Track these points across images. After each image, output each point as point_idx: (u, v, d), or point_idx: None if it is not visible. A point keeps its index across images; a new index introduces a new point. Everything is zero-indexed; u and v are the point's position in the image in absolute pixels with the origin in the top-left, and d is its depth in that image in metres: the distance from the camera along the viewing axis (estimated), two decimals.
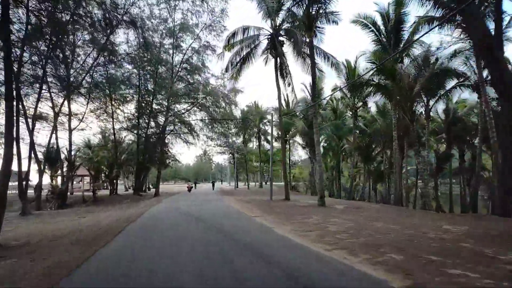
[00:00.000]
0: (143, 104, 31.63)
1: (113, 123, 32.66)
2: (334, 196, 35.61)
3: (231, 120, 33.51)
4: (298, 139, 40.47)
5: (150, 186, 54.30)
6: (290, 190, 53.34)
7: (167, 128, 32.67)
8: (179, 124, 33.74)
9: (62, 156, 30.85)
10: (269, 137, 45.34)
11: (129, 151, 41.30)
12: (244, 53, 20.19)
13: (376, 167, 31.94)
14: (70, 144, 28.72)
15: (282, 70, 20.14)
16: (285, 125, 29.40)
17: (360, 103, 28.45)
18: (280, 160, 56.11)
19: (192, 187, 40.27)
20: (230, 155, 51.72)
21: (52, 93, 25.67)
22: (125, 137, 41.40)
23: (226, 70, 20.73)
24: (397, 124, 20.99)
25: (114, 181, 34.96)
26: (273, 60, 20.53)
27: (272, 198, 19.84)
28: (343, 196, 37.03)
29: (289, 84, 20.79)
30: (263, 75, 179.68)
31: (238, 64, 20.85)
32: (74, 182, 45.70)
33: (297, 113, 32.72)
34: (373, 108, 30.68)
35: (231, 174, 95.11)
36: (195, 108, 31.60)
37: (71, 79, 25.67)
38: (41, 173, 26.22)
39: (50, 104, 26.28)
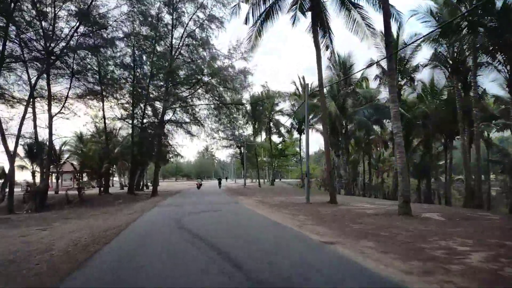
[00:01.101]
0: (138, 89, 26.50)
1: (103, 109, 27.58)
2: (356, 195, 30.50)
3: (241, 105, 28.28)
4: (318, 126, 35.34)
5: (149, 183, 49.28)
6: (302, 187, 48.40)
7: (166, 117, 27.61)
8: (180, 111, 28.67)
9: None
10: (281, 129, 40.30)
11: (124, 144, 36.31)
12: (269, 3, 14.99)
13: (421, 159, 26.75)
14: (50, 134, 23.58)
15: (320, 24, 14.89)
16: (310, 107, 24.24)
17: (404, 80, 23.21)
18: (292, 154, 51.04)
19: (201, 184, 37.13)
20: (236, 149, 46.75)
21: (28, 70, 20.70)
22: (119, 128, 36.48)
23: (246, 21, 15.47)
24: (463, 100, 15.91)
25: (105, 178, 29.93)
26: (302, 19, 15.41)
27: (309, 199, 14.73)
28: (362, 195, 31.98)
29: (327, 47, 15.60)
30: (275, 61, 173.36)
31: (259, 22, 15.65)
32: (65, 180, 40.83)
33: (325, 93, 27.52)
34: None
35: (236, 170, 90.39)
36: (200, 91, 26.40)
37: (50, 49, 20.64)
38: (12, 165, 21.23)
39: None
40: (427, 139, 23.99)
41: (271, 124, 41.17)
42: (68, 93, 24.55)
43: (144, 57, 26.71)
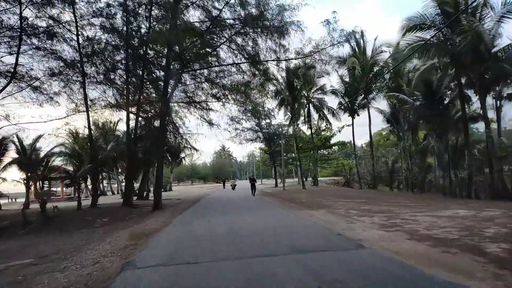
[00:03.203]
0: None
1: (84, 87, 18.79)
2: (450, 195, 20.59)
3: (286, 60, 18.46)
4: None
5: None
6: (343, 185, 38.53)
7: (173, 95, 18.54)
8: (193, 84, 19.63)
9: None
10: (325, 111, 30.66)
11: (120, 140, 27.62)
12: None
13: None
14: None
15: None
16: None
17: None
18: (340, 144, 41.37)
19: (236, 184, 34.00)
20: (260, 144, 37.49)
21: None
22: (119, 121, 27.87)
23: None
24: None
25: (92, 184, 21.13)
26: None
27: None
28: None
29: None
30: None
31: None
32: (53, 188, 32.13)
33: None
34: None
35: (257, 169, 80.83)
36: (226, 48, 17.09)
37: None
38: None
39: None
40: None
41: (311, 106, 31.53)
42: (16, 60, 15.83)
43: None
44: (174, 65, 16.68)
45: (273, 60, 16.41)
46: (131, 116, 20.31)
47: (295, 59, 16.20)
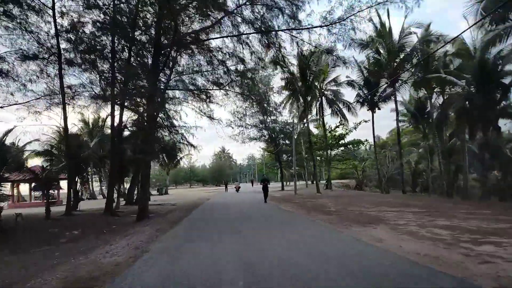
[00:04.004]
0: None
1: (60, 69, 15.19)
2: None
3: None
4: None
5: (153, 192, 36.82)
6: (355, 188, 34.80)
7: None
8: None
9: None
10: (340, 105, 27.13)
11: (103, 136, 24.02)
12: None
13: None
14: None
15: None
16: None
17: None
18: (356, 143, 37.62)
19: (240, 187, 33.98)
20: (263, 144, 33.92)
21: None
22: (107, 116, 24.17)
23: None
24: None
25: (70, 188, 17.39)
26: None
27: None
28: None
29: None
30: None
31: None
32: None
33: None
34: None
35: (260, 171, 77.00)
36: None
37: None
38: None
39: None
40: None
41: (324, 99, 27.81)
42: None
43: None
44: (166, 36, 13.05)
45: (293, 29, 12.67)
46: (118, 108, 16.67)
47: (321, 27, 12.52)
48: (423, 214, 9.26)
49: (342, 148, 35.63)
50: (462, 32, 14.28)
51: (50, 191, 27.39)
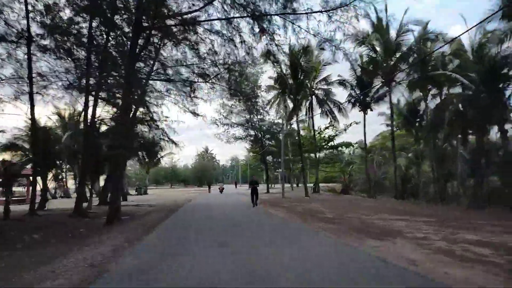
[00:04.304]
0: None
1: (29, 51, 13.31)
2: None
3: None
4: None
5: (131, 191, 34.87)
6: (341, 192, 33.91)
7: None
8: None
9: None
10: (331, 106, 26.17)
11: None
12: None
13: None
14: None
15: None
16: None
17: None
18: (345, 145, 36.60)
19: (223, 188, 33.06)
20: (251, 142, 32.65)
21: None
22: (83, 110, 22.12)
23: None
24: None
25: (31, 185, 15.47)
26: None
27: None
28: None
29: None
30: None
31: None
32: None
33: None
34: None
35: (243, 172, 75.44)
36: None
37: None
38: None
39: None
40: None
41: (314, 98, 26.67)
42: None
43: None
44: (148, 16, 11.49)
45: (289, 14, 11.39)
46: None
47: (321, 12, 11.28)
48: (436, 224, 8.12)
49: (330, 150, 34.67)
50: (468, 30, 13.30)
51: (20, 188, 25.26)
